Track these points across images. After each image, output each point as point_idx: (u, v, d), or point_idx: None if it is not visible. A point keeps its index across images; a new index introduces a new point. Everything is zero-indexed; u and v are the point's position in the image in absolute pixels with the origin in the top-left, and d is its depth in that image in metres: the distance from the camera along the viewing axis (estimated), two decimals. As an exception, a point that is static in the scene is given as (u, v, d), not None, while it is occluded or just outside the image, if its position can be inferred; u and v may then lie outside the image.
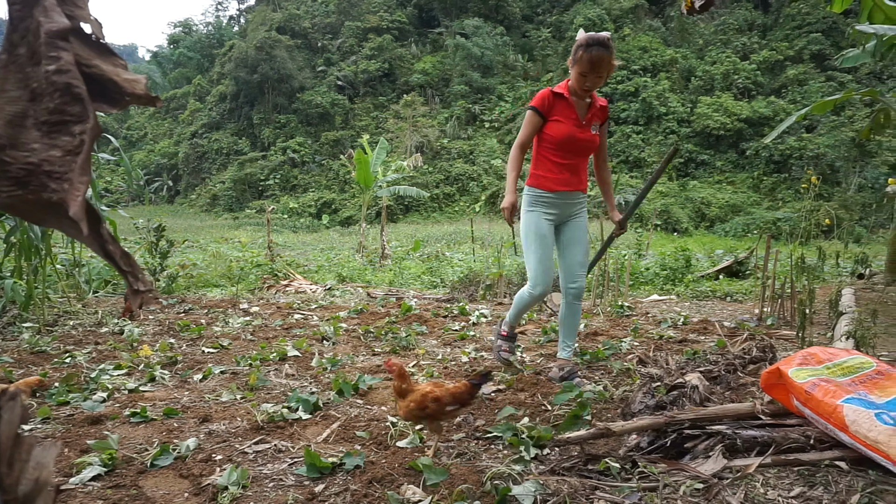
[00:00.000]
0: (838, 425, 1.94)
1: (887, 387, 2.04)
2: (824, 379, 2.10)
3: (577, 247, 3.10)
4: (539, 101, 2.94)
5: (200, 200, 39.76)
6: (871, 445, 1.84)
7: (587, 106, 2.98)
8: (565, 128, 2.91)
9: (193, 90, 48.38)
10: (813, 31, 35.09)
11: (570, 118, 2.93)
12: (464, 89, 40.02)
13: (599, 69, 2.81)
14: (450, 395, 2.13)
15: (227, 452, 2.20)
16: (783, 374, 2.18)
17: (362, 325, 4.64)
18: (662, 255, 8.50)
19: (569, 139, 2.92)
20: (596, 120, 3.01)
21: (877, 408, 1.93)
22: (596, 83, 2.85)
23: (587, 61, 2.79)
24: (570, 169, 2.99)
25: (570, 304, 3.11)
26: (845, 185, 25.73)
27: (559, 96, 2.94)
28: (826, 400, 2.00)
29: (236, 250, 11.55)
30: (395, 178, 14.19)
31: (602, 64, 2.79)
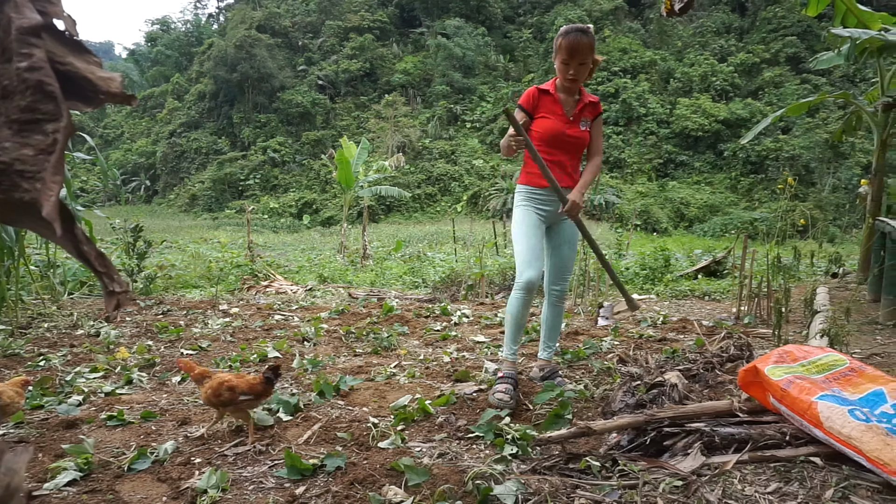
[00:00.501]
0: (813, 422, 1.97)
1: (860, 384, 2.08)
2: (799, 376, 2.13)
3: (567, 247, 3.03)
4: (525, 99, 2.89)
5: (179, 200, 39.26)
6: (844, 441, 1.87)
7: (575, 102, 2.90)
8: (552, 123, 2.84)
9: (172, 89, 47.77)
10: (788, 35, 35.72)
11: (557, 114, 2.86)
12: (445, 89, 40.04)
13: (579, 55, 2.73)
14: (245, 385, 2.25)
15: (206, 455, 2.18)
16: (760, 371, 2.22)
17: (343, 326, 4.61)
18: (642, 255, 8.58)
19: (556, 135, 2.84)
20: (586, 116, 2.92)
21: (850, 404, 1.97)
22: (580, 72, 2.78)
23: (566, 48, 2.73)
24: (559, 166, 2.88)
25: (552, 305, 3.07)
26: (820, 185, 26.22)
27: (545, 93, 2.89)
28: (801, 397, 2.04)
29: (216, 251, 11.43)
30: (377, 178, 14.16)
31: (580, 48, 2.72)
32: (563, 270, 3.05)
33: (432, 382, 3.16)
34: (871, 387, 2.05)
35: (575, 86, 2.85)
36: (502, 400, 2.65)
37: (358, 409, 2.71)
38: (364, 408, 2.74)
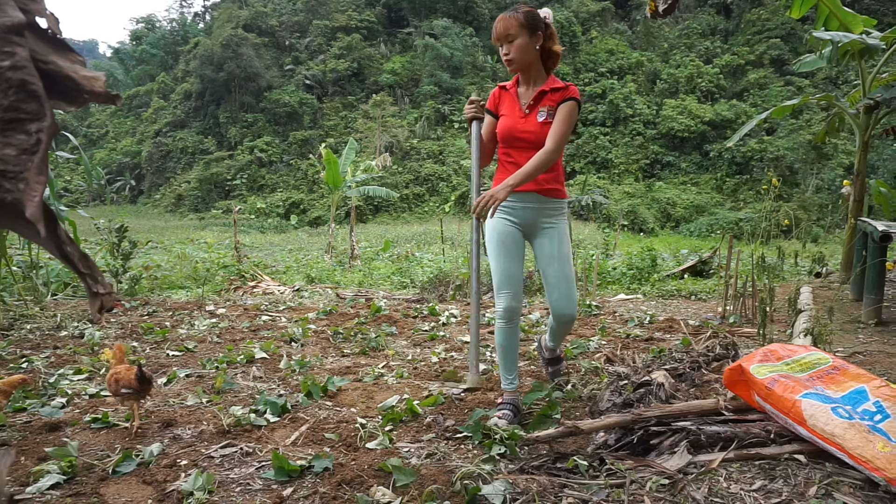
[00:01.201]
0: (797, 420, 2.00)
1: (843, 382, 2.11)
2: (784, 375, 2.16)
3: (552, 263, 2.59)
4: (489, 101, 2.67)
5: (165, 200, 38.93)
6: (827, 438, 1.90)
7: (533, 93, 2.55)
8: (506, 121, 2.57)
9: (157, 88, 47.35)
10: (772, 37, 36.11)
11: (514, 110, 2.57)
12: (433, 90, 40.04)
13: (503, 31, 2.45)
14: (126, 380, 2.34)
15: (192, 457, 2.16)
16: (745, 370, 2.24)
17: (331, 327, 4.60)
18: (629, 255, 8.64)
19: (509, 133, 2.55)
20: (547, 104, 2.52)
21: (833, 402, 1.99)
22: (513, 51, 2.45)
23: (494, 29, 2.50)
24: (518, 166, 2.50)
25: (560, 325, 2.72)
26: (803, 186, 26.52)
27: (504, 90, 2.65)
28: (785, 395, 2.06)
29: (202, 251, 11.35)
30: (365, 178, 14.12)
31: (505, 25, 2.44)
32: (560, 291, 2.58)
33: (420, 383, 3.16)
34: (854, 385, 2.07)
35: (513, 68, 2.53)
36: (500, 420, 2.41)
37: (346, 410, 2.70)
38: (352, 408, 2.73)
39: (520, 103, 2.56)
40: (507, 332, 2.59)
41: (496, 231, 2.60)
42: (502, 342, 2.61)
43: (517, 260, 2.60)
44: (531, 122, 2.51)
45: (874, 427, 1.88)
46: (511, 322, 2.58)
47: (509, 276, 2.55)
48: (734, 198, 29.37)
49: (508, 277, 2.55)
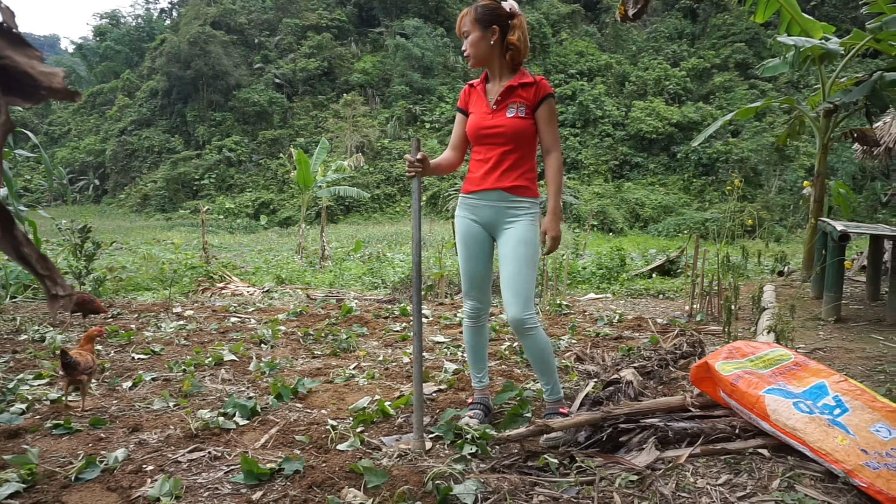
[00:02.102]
0: (761, 415, 2.04)
1: (804, 377, 2.17)
2: (748, 371, 2.21)
3: (506, 264, 2.44)
4: (460, 99, 2.59)
5: (130, 200, 38.03)
6: (789, 433, 1.95)
7: (501, 88, 2.45)
8: (474, 119, 2.47)
9: (122, 85, 46.24)
10: (737, 41, 36.91)
11: (481, 107, 2.48)
12: (404, 90, 39.94)
13: (461, 26, 2.46)
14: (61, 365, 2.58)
15: (158, 462, 2.12)
16: (711, 367, 2.29)
17: (302, 328, 4.56)
18: (599, 255, 8.74)
19: (476, 131, 2.46)
20: (516, 101, 2.41)
21: (795, 397, 2.05)
22: (470, 46, 2.42)
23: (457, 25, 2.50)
24: (487, 163, 2.44)
25: (519, 336, 2.47)
26: (767, 187, 27.18)
27: (472, 87, 2.57)
28: (750, 391, 2.11)
29: (169, 252, 11.13)
30: (336, 178, 14.01)
31: (461, 21, 2.45)
32: (507, 292, 2.41)
33: (392, 383, 3.15)
34: (814, 380, 2.13)
35: (471, 64, 2.47)
36: (471, 420, 2.46)
37: (316, 412, 2.68)
38: (323, 410, 2.71)
39: (486, 99, 2.47)
40: (474, 332, 2.61)
41: (461, 232, 2.55)
42: (470, 341, 2.63)
43: (481, 261, 2.54)
44: (500, 118, 2.41)
45: (833, 421, 1.93)
46: (478, 321, 2.60)
47: (473, 278, 2.54)
48: (700, 198, 29.93)
49: (472, 279, 2.55)
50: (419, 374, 2.27)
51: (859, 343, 3.50)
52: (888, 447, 1.83)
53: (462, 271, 2.57)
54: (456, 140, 2.59)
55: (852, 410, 1.96)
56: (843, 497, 1.75)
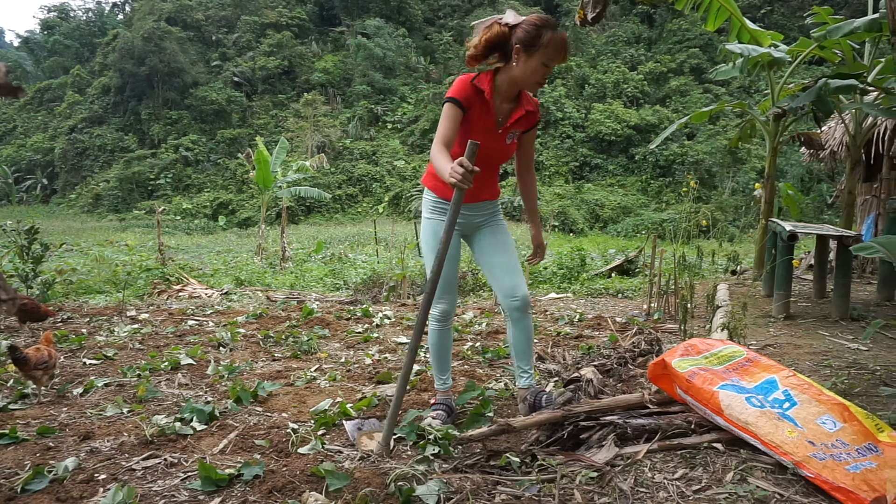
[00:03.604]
0: (715, 410, 2.11)
1: (755, 373, 2.24)
2: (703, 368, 2.27)
3: (502, 253, 2.54)
4: (460, 92, 2.30)
5: (81, 200, 36.75)
6: (742, 427, 2.01)
7: (510, 111, 2.39)
8: (476, 135, 2.30)
9: (71, 81, 44.63)
10: (692, 47, 37.94)
11: (486, 122, 2.36)
12: (366, 89, 39.71)
13: (567, 56, 2.27)
14: None
15: (111, 471, 2.05)
16: (668, 364, 2.34)
17: (261, 330, 4.48)
18: (560, 255, 8.86)
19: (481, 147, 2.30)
20: (518, 128, 2.45)
21: (747, 392, 2.11)
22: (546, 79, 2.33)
23: (556, 45, 2.22)
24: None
25: (516, 321, 2.52)
26: (720, 188, 28.00)
27: (479, 92, 2.34)
28: (704, 387, 2.17)
29: (123, 254, 10.80)
30: (296, 178, 13.84)
31: (568, 52, 2.28)
32: (512, 275, 2.50)
33: (354, 385, 3.12)
34: (765, 375, 2.21)
35: (534, 91, 2.40)
36: (434, 421, 2.44)
37: (277, 415, 2.64)
38: (283, 413, 2.67)
39: (495, 118, 2.37)
40: (442, 335, 2.59)
41: (436, 234, 2.49)
42: (437, 343, 2.60)
43: (455, 263, 2.55)
44: (502, 142, 2.41)
45: (783, 414, 2.00)
46: (446, 324, 2.59)
47: (446, 280, 2.50)
48: (658, 199, 30.63)
49: (446, 281, 2.49)
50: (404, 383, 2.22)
51: (807, 339, 3.64)
52: (833, 438, 1.91)
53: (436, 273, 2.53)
54: (451, 135, 2.31)
55: (800, 404, 2.03)
56: (792, 487, 1.82)
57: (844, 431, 1.93)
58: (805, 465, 1.86)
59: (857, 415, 1.98)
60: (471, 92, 2.32)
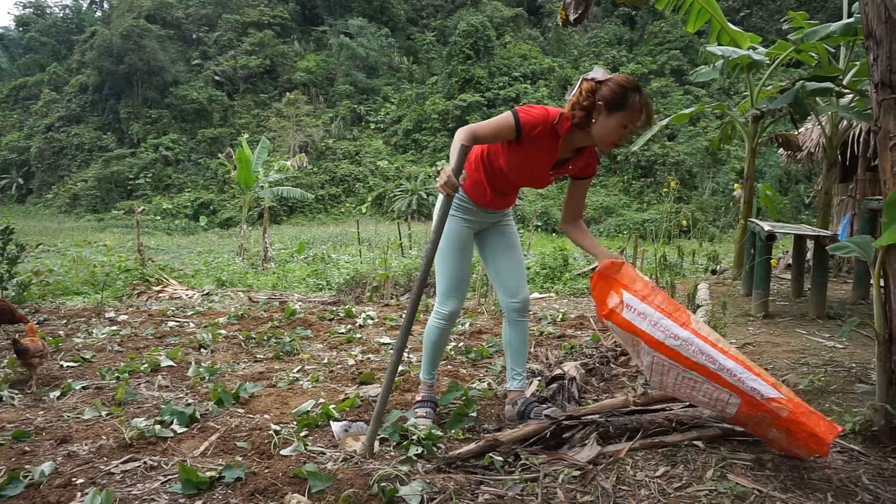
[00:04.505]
0: (682, 323, 2.07)
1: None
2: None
3: (510, 251, 2.58)
4: (531, 123, 2.22)
5: (58, 200, 36.14)
6: (709, 340, 2.01)
7: (573, 153, 2.37)
8: (531, 165, 2.31)
9: (48, 79, 43.88)
10: (672, 48, 38.34)
11: (545, 160, 2.31)
12: (349, 89, 39.56)
13: (650, 120, 2.27)
14: None
15: (89, 475, 2.02)
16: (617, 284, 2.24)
17: (243, 331, 4.44)
18: (543, 255, 8.89)
19: (525, 176, 2.38)
20: (572, 172, 2.43)
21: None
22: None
23: (643, 113, 2.21)
24: (506, 194, 2.49)
25: (513, 322, 2.56)
26: (701, 189, 28.33)
27: (553, 132, 2.26)
28: (671, 301, 2.15)
29: (101, 254, 10.64)
30: (278, 178, 13.74)
31: (651, 114, 2.25)
32: (517, 277, 2.54)
33: (337, 386, 3.11)
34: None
35: (606, 151, 2.35)
36: (423, 420, 2.46)
37: (259, 417, 2.62)
38: (265, 415, 2.65)
39: (558, 153, 2.31)
40: (444, 333, 2.58)
41: (458, 234, 2.49)
42: (435, 339, 2.59)
43: (469, 264, 2.60)
44: (546, 177, 2.41)
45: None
46: (452, 324, 2.59)
47: (463, 280, 2.54)
48: (640, 199, 30.89)
49: (462, 281, 2.54)
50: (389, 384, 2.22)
51: (785, 337, 3.69)
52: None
53: (454, 275, 2.52)
54: (485, 143, 2.31)
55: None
56: (771, 484, 1.84)
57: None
58: (778, 387, 1.87)
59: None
60: (545, 132, 2.25)
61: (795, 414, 1.86)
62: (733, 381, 1.94)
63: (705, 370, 1.99)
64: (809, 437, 1.85)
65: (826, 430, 1.84)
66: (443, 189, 2.06)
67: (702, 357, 1.99)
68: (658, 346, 2.07)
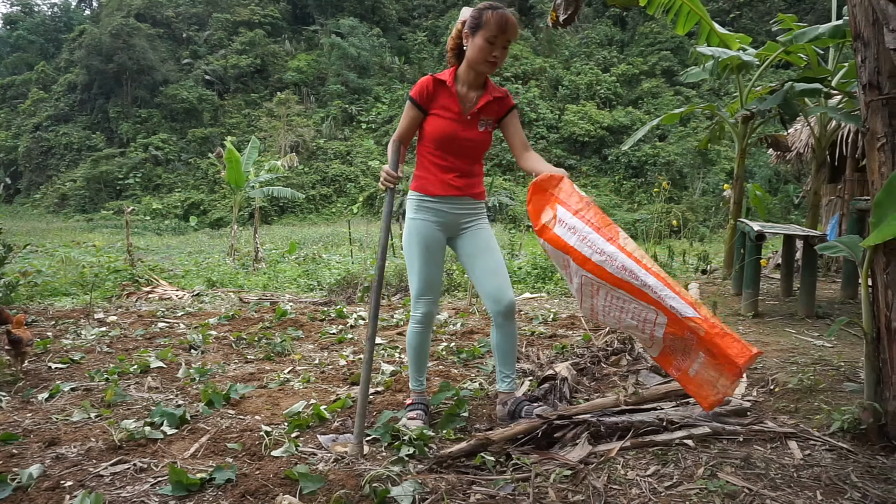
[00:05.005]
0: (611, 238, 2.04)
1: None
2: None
3: (487, 255, 2.52)
4: (419, 91, 2.41)
5: (46, 200, 35.81)
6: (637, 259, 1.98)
7: (476, 98, 2.44)
8: (445, 124, 2.40)
9: (36, 77, 43.45)
10: (663, 49, 38.52)
11: (452, 112, 2.41)
12: (340, 89, 39.44)
13: (510, 31, 2.32)
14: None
15: (78, 477, 2.00)
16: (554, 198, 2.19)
17: (234, 332, 4.42)
18: (534, 255, 8.90)
19: (448, 138, 2.41)
20: (488, 115, 2.47)
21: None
22: (502, 56, 2.35)
23: (496, 22, 2.28)
24: (454, 171, 2.46)
25: (500, 325, 2.50)
26: (691, 189, 28.47)
27: (441, 84, 2.42)
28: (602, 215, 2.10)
29: (90, 255, 10.55)
30: (269, 178, 13.68)
31: (512, 26, 2.32)
32: (498, 281, 2.49)
33: (328, 387, 3.10)
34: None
35: (491, 72, 2.40)
36: (413, 422, 2.44)
37: (250, 418, 2.61)
38: (256, 416, 2.64)
39: (460, 106, 2.42)
40: (422, 336, 2.57)
41: (422, 235, 2.49)
42: (416, 345, 2.58)
43: (440, 264, 2.56)
44: (473, 131, 2.44)
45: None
46: (428, 326, 2.58)
47: (432, 282, 2.52)
48: (630, 200, 31.01)
49: (431, 283, 2.52)
50: (366, 379, 2.23)
51: (775, 336, 3.72)
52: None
53: (421, 276, 2.50)
54: (406, 133, 2.49)
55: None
56: (760, 482, 1.85)
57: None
58: (697, 307, 1.84)
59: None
60: (430, 86, 2.42)
61: (710, 335, 1.83)
62: (655, 298, 1.92)
63: (629, 287, 1.95)
64: (725, 360, 1.82)
65: (739, 352, 1.80)
66: (384, 183, 2.32)
67: (625, 273, 1.95)
68: (584, 263, 2.02)
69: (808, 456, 2.05)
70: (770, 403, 2.55)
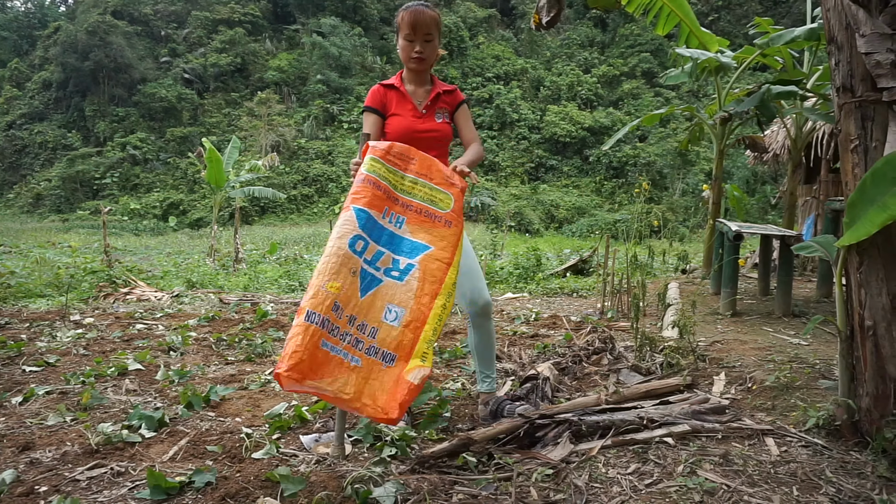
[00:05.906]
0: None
1: (427, 231, 2.10)
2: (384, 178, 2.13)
3: (463, 257, 2.49)
4: (371, 99, 2.53)
5: (20, 200, 35.13)
6: None
7: (426, 93, 2.56)
8: (401, 120, 2.49)
9: (9, 75, 42.60)
10: (643, 51, 38.91)
11: (407, 109, 2.51)
12: (321, 89, 39.23)
13: (423, 27, 2.41)
14: None
15: (53, 482, 1.97)
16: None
17: (214, 333, 4.37)
18: (516, 255, 8.94)
19: (407, 133, 2.46)
20: (442, 107, 2.56)
21: (378, 239, 2.06)
22: (427, 49, 2.44)
23: (408, 21, 2.40)
24: None
25: (477, 326, 2.53)
26: (671, 189, 28.80)
27: (391, 88, 2.55)
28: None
29: (66, 255, 10.38)
30: (250, 178, 13.56)
31: (424, 20, 2.40)
32: (474, 282, 2.50)
33: (310, 388, 3.08)
34: (424, 237, 2.11)
35: (422, 68, 2.50)
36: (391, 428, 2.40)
37: (230, 420, 2.58)
38: (237, 418, 2.61)
39: (413, 103, 2.52)
40: None
41: None
42: None
43: None
44: (431, 122, 2.52)
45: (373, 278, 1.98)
46: None
47: None
48: (611, 200, 31.28)
49: None
50: None
51: (752, 335, 3.77)
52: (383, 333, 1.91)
53: None
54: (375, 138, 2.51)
55: (409, 284, 1.97)
56: (739, 478, 1.88)
57: (397, 334, 1.90)
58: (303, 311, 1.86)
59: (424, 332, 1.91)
60: (380, 93, 2.55)
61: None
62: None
63: None
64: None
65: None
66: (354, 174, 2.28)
67: None
68: None
69: (785, 452, 2.08)
70: (748, 401, 2.58)
